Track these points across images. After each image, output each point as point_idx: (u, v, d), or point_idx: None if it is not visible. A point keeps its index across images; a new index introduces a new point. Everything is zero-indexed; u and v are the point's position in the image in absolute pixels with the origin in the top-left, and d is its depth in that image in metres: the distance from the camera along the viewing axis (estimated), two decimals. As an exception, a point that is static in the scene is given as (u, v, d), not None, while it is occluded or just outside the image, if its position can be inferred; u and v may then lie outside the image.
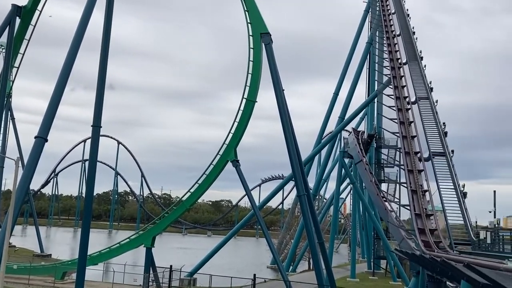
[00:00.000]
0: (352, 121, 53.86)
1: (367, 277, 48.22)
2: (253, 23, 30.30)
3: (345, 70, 52.89)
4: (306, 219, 29.86)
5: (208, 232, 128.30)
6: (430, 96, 33.65)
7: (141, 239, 32.76)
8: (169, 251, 63.86)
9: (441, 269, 16.53)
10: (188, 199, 32.44)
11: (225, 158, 30.77)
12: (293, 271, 50.01)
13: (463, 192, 25.40)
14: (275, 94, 30.15)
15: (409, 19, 46.56)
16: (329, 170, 62.05)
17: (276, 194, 54.60)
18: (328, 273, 31.11)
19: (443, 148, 28.32)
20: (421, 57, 39.40)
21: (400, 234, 28.23)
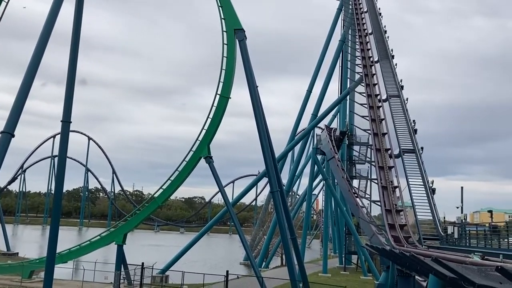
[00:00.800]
0: (325, 118, 54.51)
1: (338, 272, 48.88)
2: (227, 19, 30.17)
3: (318, 67, 53.32)
4: (279, 215, 30.01)
5: (180, 229, 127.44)
6: (400, 94, 34.24)
7: (112, 237, 32.30)
8: (141, 249, 63.14)
9: (410, 263, 16.89)
10: (160, 196, 32.14)
11: (198, 155, 30.60)
12: (266, 267, 50.26)
13: (431, 188, 25.97)
14: (249, 90, 30.13)
15: (381, 18, 47.25)
16: (302, 167, 62.51)
17: (249, 190, 54.74)
18: (301, 269, 31.38)
19: (413, 145, 28.88)
20: (392, 55, 40.05)
21: (370, 229, 28.71)
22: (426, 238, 23.19)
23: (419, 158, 27.62)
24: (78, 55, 23.99)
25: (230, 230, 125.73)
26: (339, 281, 37.78)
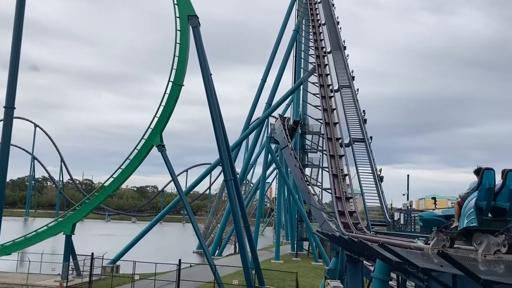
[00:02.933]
0: (279, 107, 54.96)
1: (290, 258, 49.85)
2: (180, 5, 29.61)
3: (272, 57, 53.48)
4: (233, 204, 30.13)
5: (132, 218, 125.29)
6: (352, 84, 34.98)
7: (60, 227, 31.31)
8: (91, 239, 61.60)
9: (358, 249, 17.43)
10: (110, 185, 31.41)
11: (150, 143, 30.07)
12: (219, 255, 50.45)
13: (380, 176, 26.84)
14: (202, 78, 29.83)
15: (334, 9, 47.91)
16: (256, 155, 62.93)
17: (203, 179, 54.56)
18: (253, 256, 31.72)
19: (363, 134, 29.66)
20: (344, 46, 40.76)
21: (321, 216, 29.36)
22: (374, 224, 24.00)
23: (368, 147, 28.42)
24: (21, 39, 22.88)
25: (183, 219, 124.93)
26: (291, 267, 38.57)
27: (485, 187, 8.31)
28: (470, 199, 8.54)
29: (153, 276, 27.88)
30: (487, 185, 8.31)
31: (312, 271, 40.43)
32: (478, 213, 8.29)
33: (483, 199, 8.34)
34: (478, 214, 8.28)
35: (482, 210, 8.33)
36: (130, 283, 27.72)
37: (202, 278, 29.82)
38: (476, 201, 8.35)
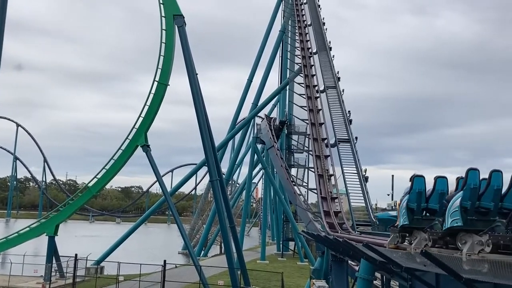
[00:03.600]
0: (265, 107, 54.94)
1: (276, 258, 49.92)
2: (165, 4, 29.43)
3: (258, 57, 53.45)
4: (218, 204, 30.04)
5: (117, 219, 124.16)
6: (337, 85, 35.18)
7: (42, 228, 30.86)
8: (74, 240, 60.90)
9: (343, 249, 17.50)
10: (94, 185, 31.06)
11: (135, 143, 29.79)
12: (205, 256, 50.30)
13: (365, 176, 27.05)
14: (188, 78, 29.68)
15: (319, 10, 48.10)
16: (242, 156, 62.83)
17: (188, 179, 54.20)
18: (239, 256, 31.67)
19: (348, 135, 29.87)
20: (330, 47, 40.97)
21: (307, 216, 29.44)
22: (359, 224, 24.16)
23: (354, 148, 28.63)
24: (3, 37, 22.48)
25: (168, 219, 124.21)
26: (277, 267, 38.61)
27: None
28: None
29: (138, 277, 27.66)
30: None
31: (298, 271, 40.54)
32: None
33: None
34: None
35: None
36: (115, 284, 27.46)
37: (188, 279, 29.68)
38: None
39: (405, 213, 9.88)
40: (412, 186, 9.73)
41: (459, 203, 8.45)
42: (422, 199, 9.73)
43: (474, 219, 8.44)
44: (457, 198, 8.62)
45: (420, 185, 9.76)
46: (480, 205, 8.54)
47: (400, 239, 10.34)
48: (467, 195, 8.51)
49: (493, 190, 8.49)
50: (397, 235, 10.39)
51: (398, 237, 10.41)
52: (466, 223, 8.37)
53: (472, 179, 8.58)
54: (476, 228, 8.32)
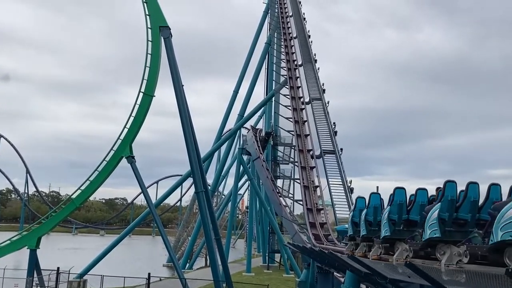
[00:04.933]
0: (251, 119, 55.04)
1: (262, 270, 49.65)
2: (151, 15, 29.44)
3: (245, 69, 53.72)
4: (204, 216, 29.84)
5: (101, 231, 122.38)
6: (322, 97, 35.46)
7: (24, 241, 30.18)
8: (57, 253, 59.80)
9: (328, 260, 17.54)
10: (78, 197, 30.57)
11: (120, 154, 29.49)
12: (190, 268, 49.79)
13: (350, 187, 27.16)
14: (174, 89, 29.62)
15: (305, 23, 48.63)
16: (228, 167, 62.74)
17: (173, 191, 54.00)
18: (224, 269, 31.42)
19: (333, 146, 30.04)
20: (315, 59, 41.36)
21: (293, 228, 29.42)
22: (344, 236, 24.19)
23: (339, 159, 28.78)
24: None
25: (153, 231, 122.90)
26: (262, 279, 38.40)
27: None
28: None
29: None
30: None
31: (284, 283, 40.35)
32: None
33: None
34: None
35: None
36: (97, 298, 26.99)
37: (172, 292, 29.30)
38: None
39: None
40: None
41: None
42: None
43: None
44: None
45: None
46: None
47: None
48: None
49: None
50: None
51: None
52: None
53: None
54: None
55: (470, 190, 8.70)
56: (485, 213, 8.53)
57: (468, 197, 8.67)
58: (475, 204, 8.67)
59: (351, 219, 10.24)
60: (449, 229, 8.62)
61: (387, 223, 10.07)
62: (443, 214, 8.67)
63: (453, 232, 8.62)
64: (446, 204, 8.70)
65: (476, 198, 8.71)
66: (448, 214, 8.68)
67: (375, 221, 10.89)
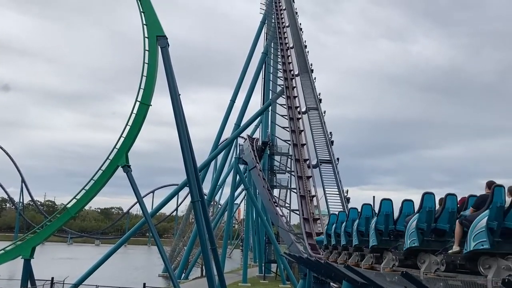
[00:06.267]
0: (248, 128, 55.05)
1: (258, 281, 49.35)
2: (149, 25, 29.52)
3: (241, 78, 53.88)
4: (200, 226, 29.68)
5: (96, 241, 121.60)
6: (319, 107, 35.53)
7: (18, 250, 29.89)
8: (51, 262, 59.30)
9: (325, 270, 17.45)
10: (73, 206, 30.36)
11: (116, 163, 29.37)
12: (186, 279, 49.45)
13: (346, 197, 27.12)
14: (170, 98, 29.61)
15: (301, 33, 48.87)
16: (225, 176, 62.53)
17: (169, 200, 53.69)
18: (220, 279, 31.21)
19: (330, 156, 30.03)
20: (312, 69, 41.52)
21: (289, 238, 29.32)
22: (341, 246, 24.09)
23: (335, 169, 28.76)
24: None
25: (149, 241, 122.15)
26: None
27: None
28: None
29: (116, 301, 26.98)
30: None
31: (280, 294, 40.09)
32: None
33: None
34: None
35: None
36: (92, 309, 26.73)
37: (168, 302, 29.06)
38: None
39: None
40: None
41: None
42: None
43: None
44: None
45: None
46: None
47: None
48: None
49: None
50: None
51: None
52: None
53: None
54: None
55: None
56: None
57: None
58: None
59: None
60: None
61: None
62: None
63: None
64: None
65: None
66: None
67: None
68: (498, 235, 7.63)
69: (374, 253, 10.95)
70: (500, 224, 7.74)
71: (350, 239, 12.42)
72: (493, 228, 7.70)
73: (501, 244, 7.62)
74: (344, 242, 12.58)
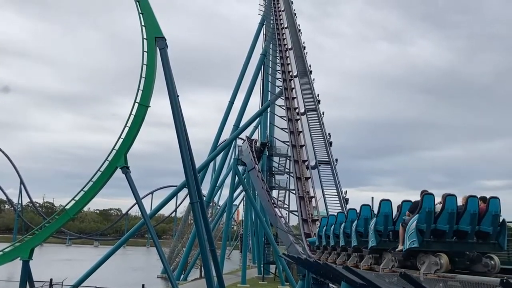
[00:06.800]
0: (247, 129, 55.06)
1: (257, 282, 49.35)
2: (147, 26, 29.56)
3: (240, 79, 53.92)
4: (198, 227, 29.69)
5: (95, 242, 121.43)
6: (317, 108, 35.50)
7: (16, 252, 29.87)
8: (50, 264, 59.19)
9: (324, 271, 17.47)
10: (72, 208, 30.36)
11: (114, 165, 29.37)
12: (185, 280, 49.43)
13: (345, 198, 27.09)
14: (169, 99, 29.63)
15: (300, 34, 48.89)
16: (224, 177, 62.54)
17: (168, 201, 53.65)
18: (219, 280, 31.23)
19: (328, 157, 29.99)
20: (310, 71, 41.50)
21: (288, 239, 29.30)
22: (339, 246, 24.09)
23: (334, 170, 28.72)
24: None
25: (147, 242, 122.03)
26: (258, 291, 38.18)
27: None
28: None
29: (115, 303, 26.96)
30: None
31: (279, 295, 40.09)
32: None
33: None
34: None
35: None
36: (91, 310, 26.70)
37: (166, 303, 29.04)
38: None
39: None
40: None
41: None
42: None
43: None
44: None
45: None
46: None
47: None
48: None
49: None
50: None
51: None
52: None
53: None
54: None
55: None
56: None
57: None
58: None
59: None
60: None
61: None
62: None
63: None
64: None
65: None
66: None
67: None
68: (429, 235, 8.86)
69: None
70: (430, 226, 8.88)
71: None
72: (422, 230, 8.87)
73: (430, 243, 8.83)
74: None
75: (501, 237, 8.99)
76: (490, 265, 8.73)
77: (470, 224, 8.95)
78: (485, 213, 9.05)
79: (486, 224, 9.02)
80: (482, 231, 9.06)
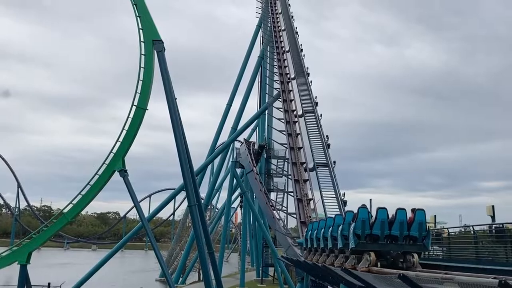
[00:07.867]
0: (244, 132, 55.05)
1: (255, 285, 49.24)
2: (145, 29, 29.54)
3: (238, 82, 53.90)
4: (197, 230, 29.62)
5: (93, 246, 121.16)
6: (315, 110, 35.53)
7: (14, 256, 29.71)
8: (48, 268, 58.99)
9: (322, 274, 17.45)
10: (70, 211, 30.22)
11: (112, 168, 29.27)
12: (183, 283, 49.31)
13: (343, 200, 27.08)
14: (167, 102, 29.61)
15: (297, 37, 48.99)
16: (222, 180, 62.54)
17: (166, 204, 53.44)
18: (217, 283, 31.16)
19: (326, 159, 30.00)
20: (308, 73, 41.55)
21: (287, 241, 29.24)
22: (338, 249, 24.09)
23: (332, 172, 28.72)
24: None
25: (146, 246, 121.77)
26: (256, 294, 38.07)
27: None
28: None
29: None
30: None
31: (277, 298, 39.99)
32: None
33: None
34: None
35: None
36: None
37: (165, 307, 28.95)
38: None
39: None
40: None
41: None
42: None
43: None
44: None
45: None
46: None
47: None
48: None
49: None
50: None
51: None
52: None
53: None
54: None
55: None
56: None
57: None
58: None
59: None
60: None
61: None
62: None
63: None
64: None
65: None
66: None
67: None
68: (364, 238, 12.08)
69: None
70: (364, 232, 12.06)
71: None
72: (358, 234, 12.09)
73: (365, 244, 12.07)
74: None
75: (426, 240, 11.98)
76: (411, 262, 11.70)
77: (399, 230, 11.87)
78: (413, 222, 11.90)
79: (414, 230, 11.90)
80: (411, 235, 11.91)
